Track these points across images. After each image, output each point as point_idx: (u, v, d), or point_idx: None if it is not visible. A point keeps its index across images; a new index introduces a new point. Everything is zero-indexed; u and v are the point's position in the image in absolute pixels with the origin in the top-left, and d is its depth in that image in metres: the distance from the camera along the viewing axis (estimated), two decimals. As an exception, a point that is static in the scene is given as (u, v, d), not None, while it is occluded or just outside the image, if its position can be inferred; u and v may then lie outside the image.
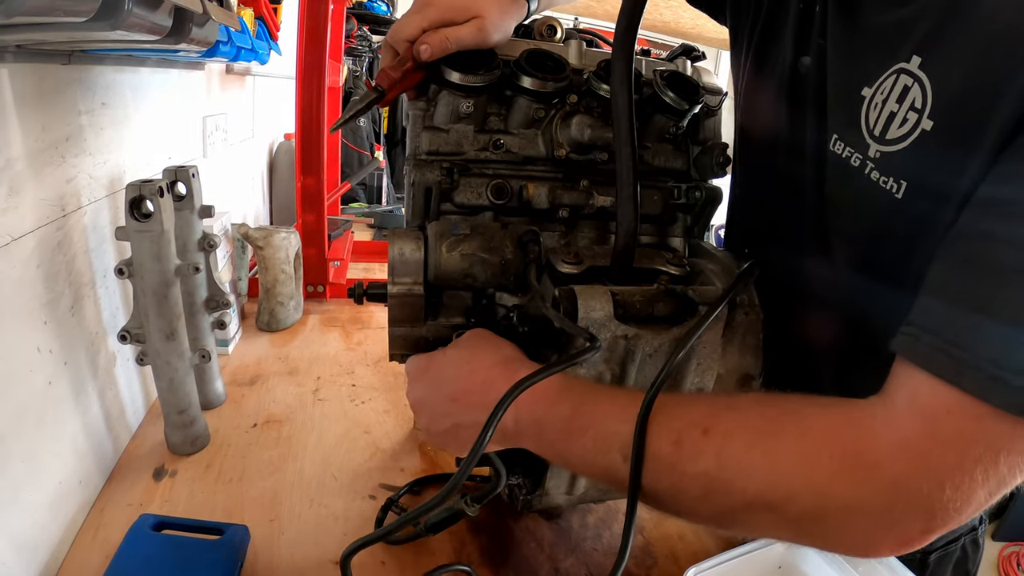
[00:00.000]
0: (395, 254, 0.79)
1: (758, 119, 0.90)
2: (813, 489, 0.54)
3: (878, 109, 0.67)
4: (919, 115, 0.62)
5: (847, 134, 0.71)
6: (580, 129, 0.82)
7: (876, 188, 0.67)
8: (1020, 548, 2.88)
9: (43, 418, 0.80)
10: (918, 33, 0.62)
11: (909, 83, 0.63)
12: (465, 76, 0.78)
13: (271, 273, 1.52)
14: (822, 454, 0.54)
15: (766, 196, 0.91)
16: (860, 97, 0.69)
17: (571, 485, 0.82)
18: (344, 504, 0.97)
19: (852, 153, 0.71)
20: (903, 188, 0.64)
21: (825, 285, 0.80)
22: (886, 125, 0.66)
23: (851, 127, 0.70)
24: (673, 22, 5.54)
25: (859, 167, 0.69)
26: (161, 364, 0.96)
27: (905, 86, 0.63)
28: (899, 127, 0.64)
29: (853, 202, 0.72)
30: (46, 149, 0.81)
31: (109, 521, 0.89)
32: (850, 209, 0.73)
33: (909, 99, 0.63)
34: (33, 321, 0.78)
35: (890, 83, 0.65)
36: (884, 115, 0.66)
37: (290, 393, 1.28)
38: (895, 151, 0.65)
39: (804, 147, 0.79)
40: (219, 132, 1.63)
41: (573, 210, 0.85)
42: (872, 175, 0.68)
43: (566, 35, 0.93)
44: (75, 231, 0.88)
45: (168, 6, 0.73)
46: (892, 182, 0.65)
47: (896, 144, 0.65)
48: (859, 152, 0.70)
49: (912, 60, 0.63)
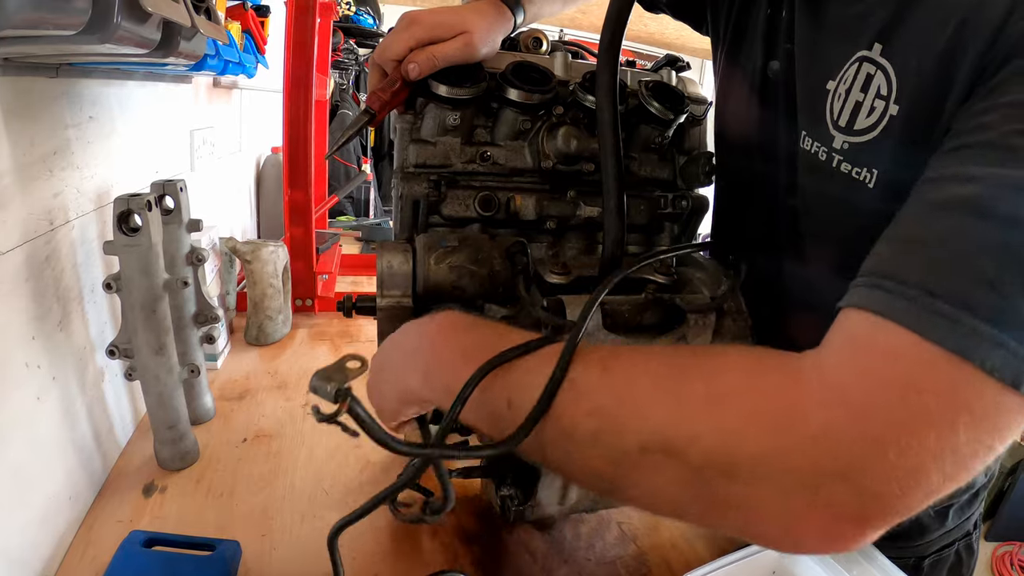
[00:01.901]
0: (384, 267, 0.80)
1: (732, 126, 0.91)
2: (721, 430, 0.46)
3: (842, 99, 0.67)
4: (886, 102, 0.62)
5: (813, 129, 0.72)
6: (566, 140, 0.83)
7: (847, 179, 0.67)
8: (1013, 548, 2.90)
9: (32, 434, 0.80)
10: (877, 21, 0.63)
11: (872, 71, 0.63)
12: (452, 89, 0.79)
13: (259, 287, 1.52)
14: (736, 395, 0.47)
15: (745, 203, 0.92)
16: (825, 91, 0.70)
17: (563, 495, 0.82)
18: (336, 518, 0.95)
19: (819, 148, 0.71)
20: (874, 177, 0.65)
21: (807, 288, 0.80)
22: (852, 115, 0.66)
23: (817, 122, 0.71)
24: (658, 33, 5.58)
25: (826, 160, 0.70)
26: (150, 379, 0.95)
27: (868, 74, 0.64)
28: (867, 116, 0.64)
29: (824, 197, 0.73)
30: (34, 163, 0.80)
31: (99, 538, 0.88)
32: (822, 206, 0.74)
33: (874, 87, 0.63)
34: (21, 336, 0.78)
35: (852, 72, 0.66)
36: (849, 105, 0.66)
37: (280, 407, 1.28)
38: (864, 141, 0.65)
39: (777, 150, 0.80)
40: (206, 146, 1.63)
41: (560, 221, 0.86)
42: (842, 167, 0.68)
43: (552, 47, 0.94)
44: (63, 245, 0.88)
45: (157, 20, 0.73)
46: (865, 172, 0.66)
47: (866, 134, 0.65)
48: (825, 145, 0.70)
49: (874, 48, 0.63)
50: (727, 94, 0.92)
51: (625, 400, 0.51)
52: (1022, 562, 2.84)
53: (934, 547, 0.94)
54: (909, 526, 0.93)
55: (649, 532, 1.00)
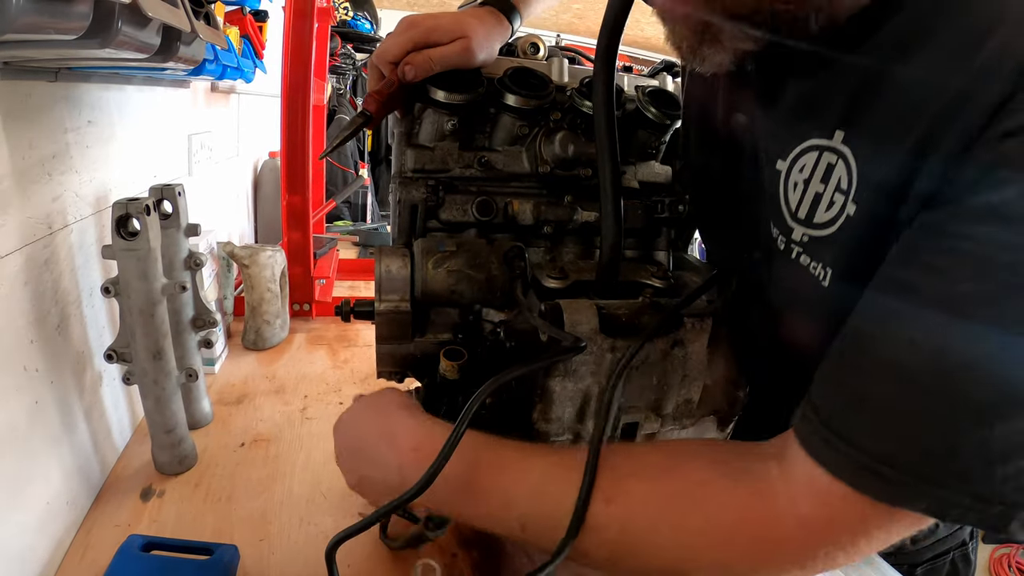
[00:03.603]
0: (382, 271, 0.80)
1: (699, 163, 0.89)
2: (722, 565, 0.57)
3: (799, 190, 0.64)
4: (845, 197, 0.58)
5: (774, 215, 0.69)
6: (563, 145, 0.83)
7: (805, 272, 0.64)
8: (1012, 550, 2.90)
9: (30, 438, 0.80)
10: (841, 105, 0.58)
11: (833, 161, 0.59)
12: (449, 94, 0.79)
13: (257, 292, 1.52)
14: (731, 536, 0.56)
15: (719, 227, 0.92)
16: (776, 172, 0.67)
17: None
18: (334, 523, 0.97)
19: (779, 235, 0.68)
20: (828, 276, 0.61)
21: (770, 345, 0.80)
22: (812, 207, 0.62)
23: (776, 208, 0.68)
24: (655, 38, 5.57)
25: (785, 250, 0.67)
26: (148, 383, 0.95)
27: (829, 164, 0.60)
28: (826, 210, 0.60)
29: (785, 282, 0.70)
30: (33, 167, 0.81)
31: (97, 542, 0.88)
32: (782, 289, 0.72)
33: (835, 179, 0.59)
34: (20, 340, 0.78)
35: (811, 160, 0.62)
36: (809, 196, 0.62)
37: (277, 412, 1.28)
38: (823, 236, 0.61)
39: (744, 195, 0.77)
40: (204, 150, 1.63)
41: (558, 226, 0.86)
42: (801, 259, 0.65)
43: (549, 52, 0.94)
44: (61, 249, 0.88)
45: (156, 25, 0.73)
46: (820, 268, 0.62)
47: (825, 228, 0.61)
48: (784, 235, 0.67)
49: (835, 136, 0.59)
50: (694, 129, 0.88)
51: (632, 533, 0.59)
52: (1020, 565, 2.84)
53: (926, 555, 0.94)
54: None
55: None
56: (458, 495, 0.65)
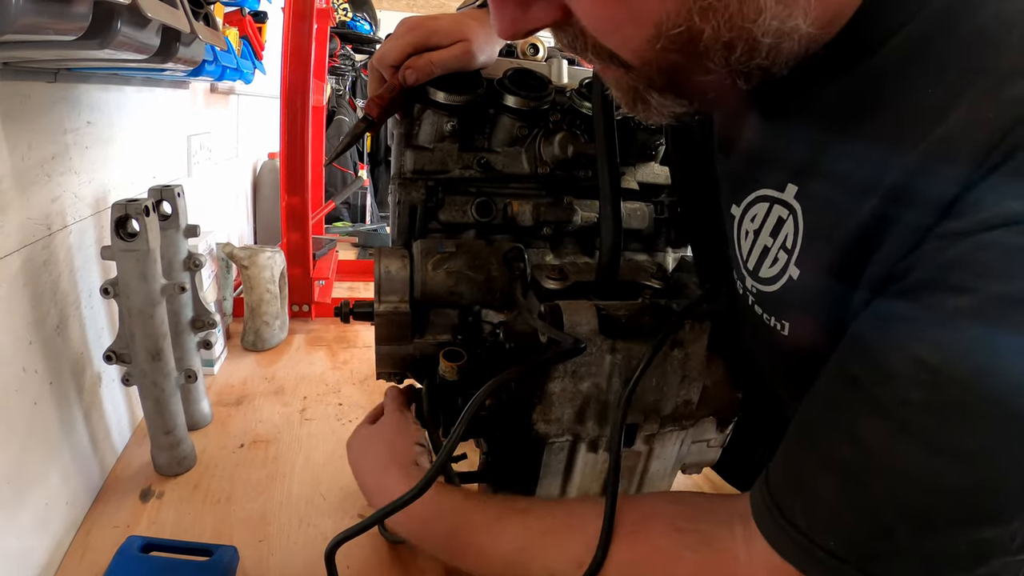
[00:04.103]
0: (381, 273, 0.80)
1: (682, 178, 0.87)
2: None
3: (750, 239, 0.61)
4: (788, 257, 0.55)
5: (735, 260, 0.66)
6: (563, 146, 0.83)
7: (762, 322, 0.61)
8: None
9: (29, 439, 0.80)
10: (792, 159, 0.55)
11: (784, 215, 0.55)
12: (449, 95, 0.79)
13: (256, 293, 1.52)
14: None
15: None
16: (731, 216, 0.65)
17: (561, 499, 0.83)
18: (333, 524, 0.97)
19: (739, 282, 0.66)
20: (787, 328, 0.58)
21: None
22: (760, 260, 0.59)
23: (732, 248, 0.66)
24: (654, 40, 5.57)
25: (743, 296, 0.65)
26: (147, 384, 0.95)
27: (780, 218, 0.56)
28: (771, 266, 0.58)
29: (749, 328, 0.66)
30: (32, 167, 0.81)
31: (96, 543, 0.88)
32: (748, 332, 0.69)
33: (782, 236, 0.56)
34: (19, 341, 0.78)
35: (762, 211, 0.59)
36: (758, 249, 0.59)
37: (277, 413, 1.28)
38: (769, 292, 0.59)
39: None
40: (203, 151, 1.63)
41: (557, 227, 0.86)
42: (756, 309, 0.62)
43: (548, 54, 0.94)
44: (60, 250, 0.88)
45: (156, 25, 0.73)
46: (775, 321, 0.59)
47: (770, 284, 0.58)
48: (740, 281, 0.65)
49: (787, 189, 0.55)
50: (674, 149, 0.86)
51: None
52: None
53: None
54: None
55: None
56: (444, 553, 0.71)
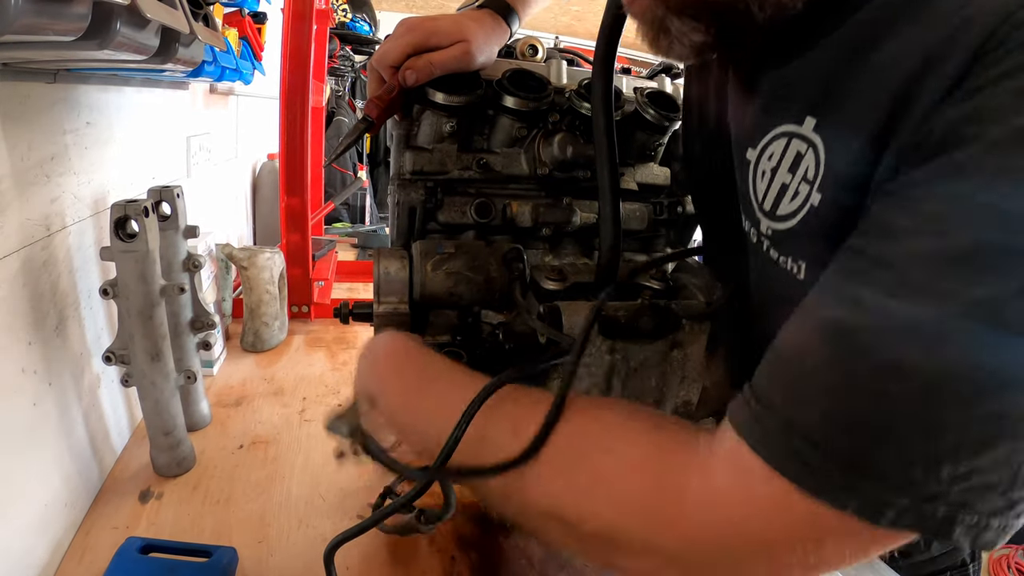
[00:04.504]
0: (380, 273, 0.80)
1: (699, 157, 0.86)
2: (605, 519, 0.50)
3: (767, 179, 0.60)
4: (810, 187, 0.54)
5: (746, 206, 0.66)
6: (562, 147, 0.83)
7: (776, 267, 0.61)
8: (1011, 551, 2.90)
9: (28, 440, 0.80)
10: (810, 93, 0.55)
11: (803, 149, 0.55)
12: (448, 96, 0.79)
13: (256, 293, 1.52)
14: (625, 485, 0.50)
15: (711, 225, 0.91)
16: (746, 161, 0.64)
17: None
18: (333, 524, 0.97)
19: (751, 228, 0.66)
20: (802, 269, 0.58)
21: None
22: (777, 198, 0.59)
23: (745, 198, 0.66)
24: (653, 41, 5.58)
25: (757, 243, 0.64)
26: (146, 385, 0.95)
27: (799, 153, 0.56)
28: (790, 201, 0.57)
29: (761, 278, 0.67)
30: (31, 168, 0.81)
31: (95, 544, 0.88)
32: (760, 285, 0.69)
33: (802, 169, 0.55)
34: (18, 342, 0.78)
35: (779, 148, 0.59)
36: (775, 187, 0.59)
37: (276, 414, 1.28)
38: (786, 229, 0.58)
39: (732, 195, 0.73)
40: (203, 152, 1.63)
41: (556, 228, 0.86)
42: (771, 253, 0.61)
43: (547, 55, 0.94)
44: (60, 251, 0.88)
45: (155, 26, 0.73)
46: (791, 262, 0.59)
47: (787, 221, 0.58)
48: (755, 227, 0.64)
49: (806, 122, 0.55)
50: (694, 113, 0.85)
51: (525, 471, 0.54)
52: (1019, 565, 2.84)
53: (922, 570, 0.93)
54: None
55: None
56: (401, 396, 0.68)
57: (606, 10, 0.74)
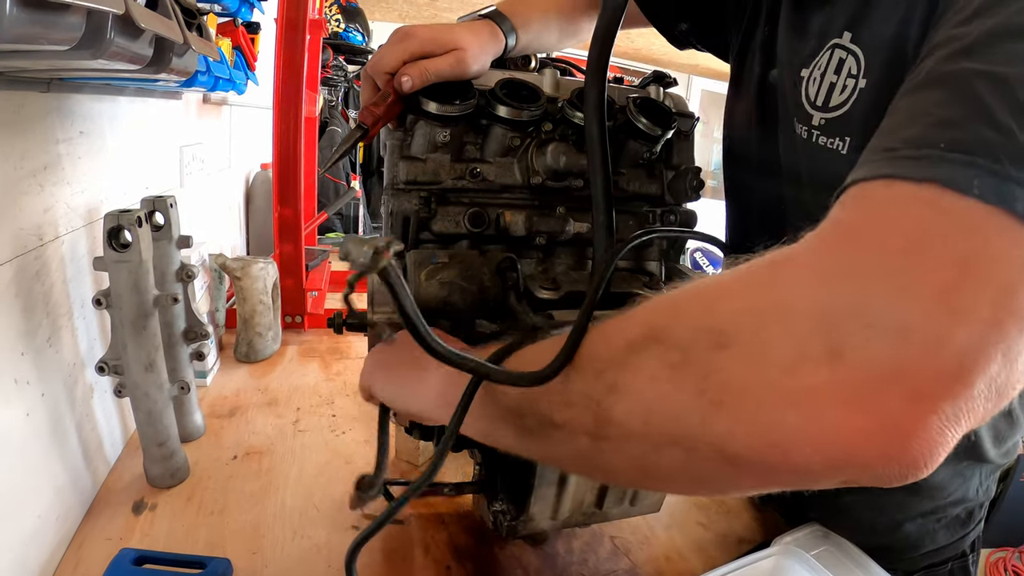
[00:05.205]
0: (374, 283, 0.80)
1: (741, 139, 0.97)
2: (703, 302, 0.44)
3: (817, 83, 0.76)
4: (855, 79, 0.71)
5: (799, 113, 0.79)
6: (555, 157, 0.83)
7: (823, 151, 0.75)
8: (1007, 554, 2.90)
9: (21, 451, 0.80)
10: (847, 13, 0.72)
11: (844, 56, 0.72)
12: (442, 106, 0.80)
13: (249, 304, 1.52)
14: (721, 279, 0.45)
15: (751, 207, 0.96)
16: (800, 78, 0.79)
17: (555, 510, 0.83)
18: (327, 535, 0.96)
19: (802, 128, 0.79)
20: (846, 144, 0.72)
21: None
22: (827, 94, 0.74)
23: (798, 106, 0.79)
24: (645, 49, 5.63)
25: (807, 138, 0.78)
26: (140, 396, 0.95)
27: (840, 59, 0.73)
28: (840, 94, 0.73)
29: (807, 170, 0.80)
30: (24, 177, 0.81)
31: (88, 556, 0.88)
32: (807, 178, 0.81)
33: (845, 69, 0.72)
34: (11, 352, 0.78)
35: (826, 58, 0.75)
36: (824, 86, 0.75)
37: (270, 424, 1.28)
38: (838, 115, 0.73)
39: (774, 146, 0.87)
40: (196, 162, 1.63)
41: (550, 237, 0.86)
42: (819, 140, 0.76)
43: (540, 64, 0.95)
44: (53, 261, 0.88)
45: (149, 36, 0.73)
46: (837, 141, 0.74)
47: (839, 109, 0.73)
48: (806, 125, 0.78)
49: (844, 36, 0.72)
50: (735, 111, 0.99)
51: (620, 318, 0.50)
52: (1016, 568, 2.85)
53: (922, 563, 0.94)
54: (895, 540, 0.93)
55: (642, 545, 1.01)
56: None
57: (599, 19, 0.74)
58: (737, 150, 1.00)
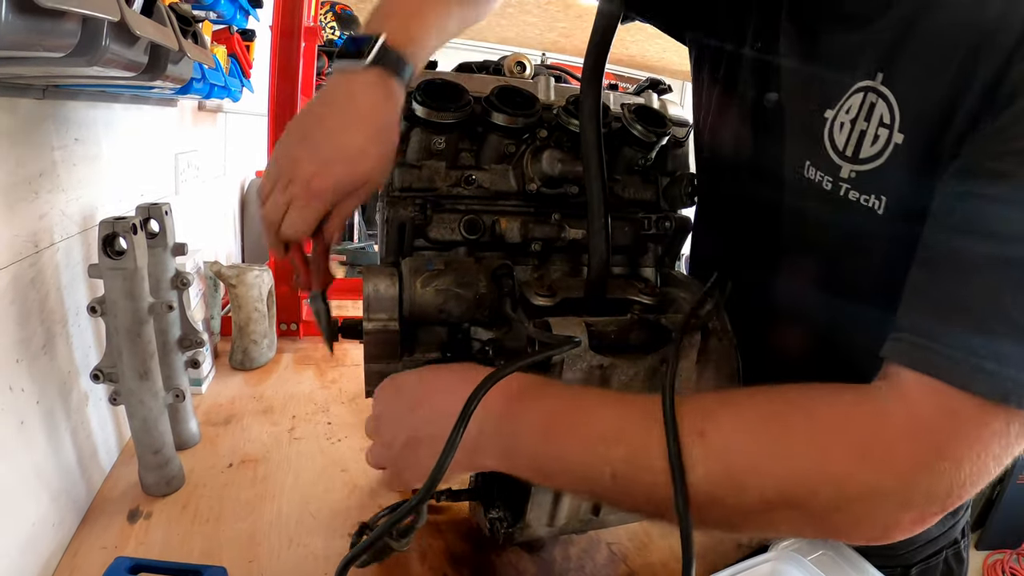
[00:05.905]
0: (370, 290, 0.80)
1: (724, 153, 0.91)
2: (833, 481, 0.53)
3: (846, 130, 0.69)
4: (889, 130, 0.64)
5: (816, 159, 0.73)
6: (551, 163, 0.84)
7: (855, 207, 0.69)
8: (1004, 556, 2.91)
9: (16, 459, 0.79)
10: (879, 51, 0.65)
11: (875, 100, 0.65)
12: (438, 114, 0.80)
13: (244, 311, 1.52)
14: (837, 444, 0.54)
15: (731, 223, 0.93)
16: (823, 119, 0.72)
17: (552, 516, 0.82)
18: (323, 543, 0.96)
19: (823, 176, 0.72)
20: (883, 204, 0.67)
21: (794, 303, 0.81)
22: (857, 144, 0.68)
23: (819, 151, 0.72)
24: (639, 56, 5.64)
25: (832, 189, 0.71)
26: (135, 403, 0.95)
27: (871, 104, 0.66)
28: (872, 144, 0.66)
29: (829, 223, 0.74)
30: (19, 184, 0.80)
31: (83, 564, 0.87)
32: (825, 230, 0.76)
33: (876, 116, 0.65)
34: (5, 359, 0.78)
35: (856, 102, 0.68)
36: (855, 135, 0.68)
37: (265, 432, 1.27)
38: (871, 169, 0.67)
39: (772, 176, 0.80)
40: (191, 169, 1.63)
41: (545, 243, 0.86)
42: (850, 195, 0.69)
43: (535, 71, 0.95)
44: (48, 268, 0.88)
45: (144, 43, 0.74)
46: (873, 199, 0.67)
47: (872, 162, 0.67)
48: (830, 175, 0.71)
49: (876, 77, 0.65)
50: (718, 124, 0.93)
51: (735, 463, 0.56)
52: (1013, 570, 2.85)
53: (920, 556, 0.94)
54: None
55: (639, 552, 1.00)
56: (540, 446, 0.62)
57: (595, 26, 0.74)
58: (723, 167, 0.93)
